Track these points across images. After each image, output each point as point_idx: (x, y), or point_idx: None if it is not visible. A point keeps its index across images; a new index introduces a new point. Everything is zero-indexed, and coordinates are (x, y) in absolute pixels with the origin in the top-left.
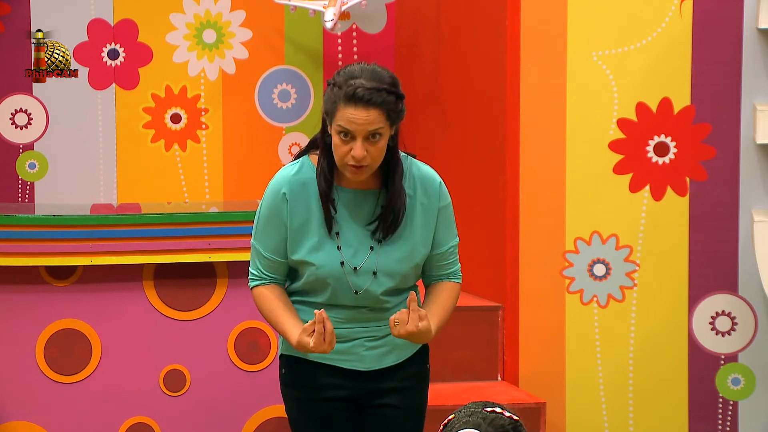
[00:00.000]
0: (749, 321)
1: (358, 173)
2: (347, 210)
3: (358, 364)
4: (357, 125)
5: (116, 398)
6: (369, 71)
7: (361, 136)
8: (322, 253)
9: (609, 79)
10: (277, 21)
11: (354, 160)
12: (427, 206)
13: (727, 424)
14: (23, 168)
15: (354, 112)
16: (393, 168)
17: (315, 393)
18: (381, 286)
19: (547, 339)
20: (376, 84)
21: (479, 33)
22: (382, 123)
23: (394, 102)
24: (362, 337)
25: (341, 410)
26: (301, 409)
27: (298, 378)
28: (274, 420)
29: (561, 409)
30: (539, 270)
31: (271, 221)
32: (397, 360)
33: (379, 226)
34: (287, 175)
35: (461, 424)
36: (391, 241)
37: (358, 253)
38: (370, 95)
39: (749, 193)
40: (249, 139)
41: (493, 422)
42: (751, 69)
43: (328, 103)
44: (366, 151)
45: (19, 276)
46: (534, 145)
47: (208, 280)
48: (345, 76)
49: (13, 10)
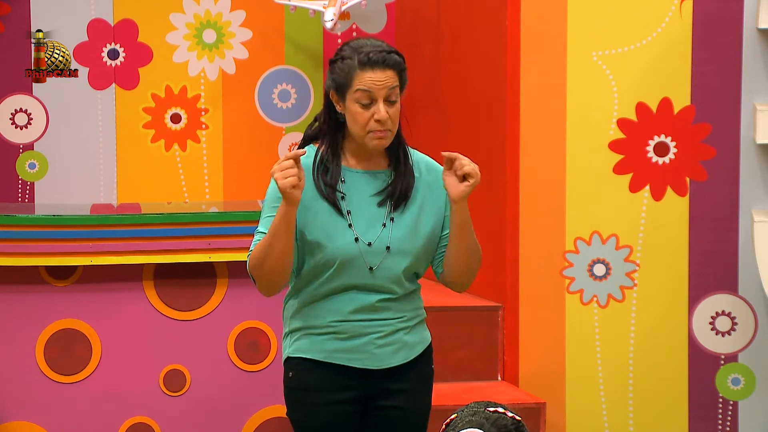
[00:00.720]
0: (749, 321)
1: (383, 138)
2: (357, 190)
3: (368, 362)
4: (378, 86)
5: (116, 398)
6: (371, 41)
7: (381, 97)
8: (335, 232)
9: (609, 79)
10: (277, 21)
11: (379, 124)
12: (433, 186)
13: (727, 424)
14: (23, 168)
15: (372, 74)
16: (399, 145)
17: (325, 396)
18: (395, 263)
19: (547, 339)
20: (384, 48)
21: (479, 33)
22: (397, 83)
23: (403, 63)
24: (372, 332)
25: (350, 413)
26: (310, 412)
27: (307, 381)
28: (274, 420)
29: (561, 409)
30: (539, 270)
31: (277, 204)
32: (405, 359)
33: (389, 198)
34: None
35: (464, 424)
36: (401, 217)
37: (370, 230)
38: (384, 57)
39: (749, 193)
40: (249, 139)
41: (496, 422)
42: (751, 69)
43: (341, 75)
44: (387, 113)
45: (19, 276)
46: (534, 145)
47: (208, 280)
48: (351, 48)
49: (13, 10)
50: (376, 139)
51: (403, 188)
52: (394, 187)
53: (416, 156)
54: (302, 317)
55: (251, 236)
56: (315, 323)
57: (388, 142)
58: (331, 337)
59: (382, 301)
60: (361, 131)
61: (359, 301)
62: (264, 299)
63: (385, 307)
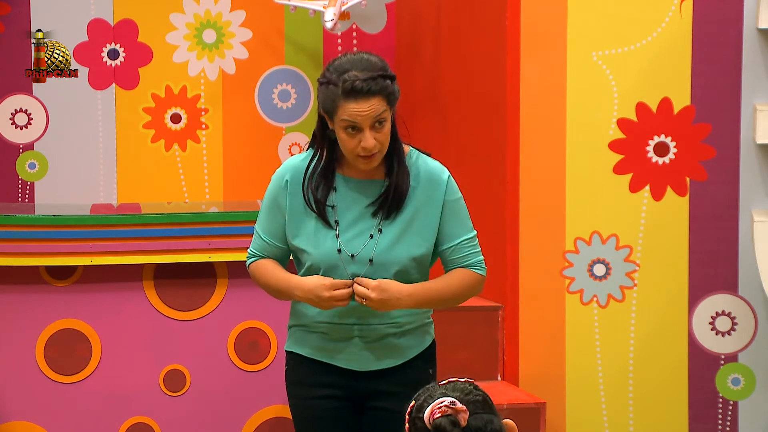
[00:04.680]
0: (749, 321)
1: (371, 161)
2: (350, 199)
3: (354, 364)
4: (362, 117)
5: (116, 398)
6: (358, 61)
7: (367, 126)
8: (320, 240)
9: (609, 79)
10: (277, 21)
11: (365, 151)
12: (429, 200)
13: (727, 424)
14: (23, 168)
15: (356, 106)
16: (395, 151)
17: (311, 390)
18: (376, 275)
19: (547, 339)
20: (370, 73)
21: (479, 33)
22: (384, 107)
23: (390, 85)
24: (358, 336)
25: (338, 409)
26: (299, 406)
27: (296, 375)
28: (274, 420)
29: (561, 409)
30: (539, 270)
31: (271, 207)
32: (394, 363)
33: (381, 206)
34: (293, 161)
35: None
36: (390, 229)
37: (355, 241)
38: (368, 86)
39: (749, 193)
40: (249, 139)
41: (455, 388)
42: (751, 69)
43: (327, 102)
44: (374, 139)
45: (19, 276)
46: (534, 145)
47: (208, 280)
48: (336, 71)
49: (13, 10)
50: (364, 163)
51: (396, 197)
52: (386, 196)
53: (420, 161)
54: (296, 313)
55: (251, 236)
56: (305, 320)
57: (376, 162)
58: (320, 336)
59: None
60: (350, 155)
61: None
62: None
63: (375, 312)
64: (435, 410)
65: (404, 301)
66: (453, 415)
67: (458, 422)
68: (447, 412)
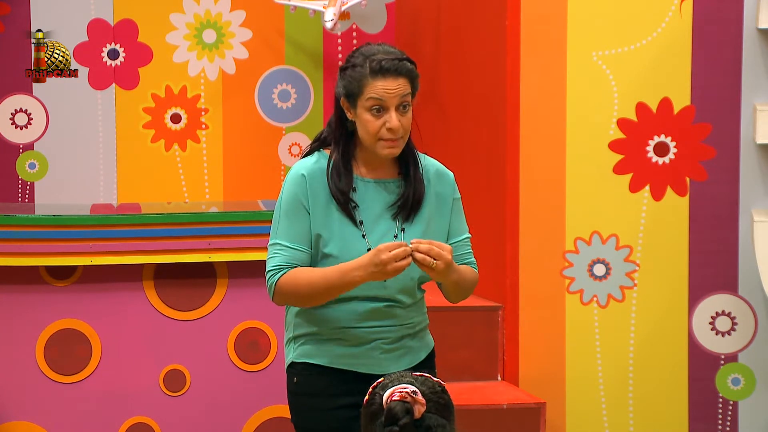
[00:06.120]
0: (749, 321)
1: (394, 146)
2: (369, 200)
3: (375, 368)
4: (390, 95)
5: (116, 398)
6: (383, 47)
7: (393, 105)
8: (347, 240)
9: (609, 79)
10: (277, 21)
11: (390, 132)
12: (441, 195)
13: (727, 424)
14: (23, 168)
15: (384, 83)
16: (410, 153)
17: (332, 401)
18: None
19: (547, 339)
20: (397, 55)
21: (479, 33)
22: (409, 90)
23: (414, 70)
24: (378, 339)
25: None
26: (315, 419)
27: (313, 386)
28: (274, 420)
29: (561, 409)
30: (539, 270)
31: (292, 209)
32: (411, 363)
33: (401, 209)
34: (304, 164)
35: (396, 384)
36: (412, 227)
37: (382, 242)
38: (396, 65)
39: (749, 193)
40: (249, 139)
41: (425, 383)
42: (751, 69)
43: (353, 83)
44: (399, 121)
45: (19, 276)
46: (534, 145)
47: (208, 280)
48: (363, 55)
49: (13, 10)
50: (387, 147)
51: (415, 197)
52: (406, 197)
53: (426, 161)
54: (308, 323)
55: (251, 236)
56: (321, 329)
57: (399, 150)
58: (337, 343)
59: (389, 307)
60: (372, 139)
61: (367, 309)
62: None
63: (393, 313)
64: (395, 393)
65: (453, 268)
66: (411, 403)
67: (412, 411)
68: (405, 398)
